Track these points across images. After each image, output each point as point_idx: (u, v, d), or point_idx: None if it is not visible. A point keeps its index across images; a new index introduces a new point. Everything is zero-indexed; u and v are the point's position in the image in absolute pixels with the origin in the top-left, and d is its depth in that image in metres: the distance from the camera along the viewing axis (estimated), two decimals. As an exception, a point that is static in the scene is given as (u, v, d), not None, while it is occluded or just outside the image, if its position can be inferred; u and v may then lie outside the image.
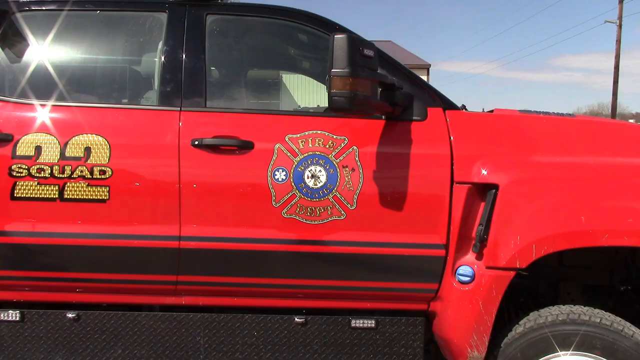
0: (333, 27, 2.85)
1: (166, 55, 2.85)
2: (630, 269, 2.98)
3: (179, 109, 2.77)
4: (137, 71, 3.25)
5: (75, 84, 2.99)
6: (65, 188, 2.68)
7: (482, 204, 2.68)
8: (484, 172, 2.67)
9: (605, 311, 2.71)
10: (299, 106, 4.63)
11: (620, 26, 30.28)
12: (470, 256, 2.70)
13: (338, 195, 2.68)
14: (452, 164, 2.70)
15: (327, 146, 2.70)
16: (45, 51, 2.95)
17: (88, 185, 2.68)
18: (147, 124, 2.77)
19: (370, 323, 2.83)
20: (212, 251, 2.72)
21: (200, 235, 2.70)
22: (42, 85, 2.85)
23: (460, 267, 2.69)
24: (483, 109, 3.35)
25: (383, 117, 2.76)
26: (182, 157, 2.69)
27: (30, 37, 2.93)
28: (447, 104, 2.86)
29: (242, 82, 3.47)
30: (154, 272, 2.76)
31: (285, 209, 2.67)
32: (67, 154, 2.69)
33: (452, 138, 2.73)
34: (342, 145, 2.70)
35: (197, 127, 2.74)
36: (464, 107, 3.08)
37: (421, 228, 2.71)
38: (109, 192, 2.68)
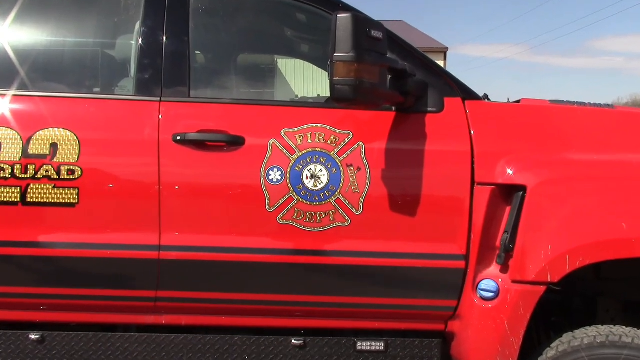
0: (336, 5, 2.78)
1: (144, 37, 2.80)
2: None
3: (158, 99, 2.72)
4: (111, 56, 3.23)
5: (40, 70, 2.95)
6: (28, 190, 2.62)
7: (508, 209, 2.64)
8: (509, 171, 2.62)
9: (651, 332, 2.67)
10: (297, 96, 4.63)
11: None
12: (493, 268, 2.66)
13: (341, 199, 2.62)
14: (472, 162, 2.65)
15: (329, 142, 2.65)
16: (5, 33, 2.88)
17: (54, 187, 2.63)
18: (122, 117, 2.73)
19: (378, 346, 2.78)
20: (196, 263, 2.67)
21: (183, 244, 2.66)
22: (2, 73, 2.81)
23: (483, 281, 2.65)
24: (508, 99, 3.32)
25: (393, 108, 2.70)
26: (162, 155, 2.65)
27: None
28: (467, 93, 2.82)
29: (232, 69, 3.46)
30: (129, 287, 2.72)
31: (281, 214, 2.63)
32: (30, 151, 2.63)
33: (472, 132, 2.69)
34: (346, 141, 2.66)
35: (180, 120, 2.70)
36: (486, 96, 3.06)
37: (437, 236, 2.67)
38: (78, 194, 2.63)
